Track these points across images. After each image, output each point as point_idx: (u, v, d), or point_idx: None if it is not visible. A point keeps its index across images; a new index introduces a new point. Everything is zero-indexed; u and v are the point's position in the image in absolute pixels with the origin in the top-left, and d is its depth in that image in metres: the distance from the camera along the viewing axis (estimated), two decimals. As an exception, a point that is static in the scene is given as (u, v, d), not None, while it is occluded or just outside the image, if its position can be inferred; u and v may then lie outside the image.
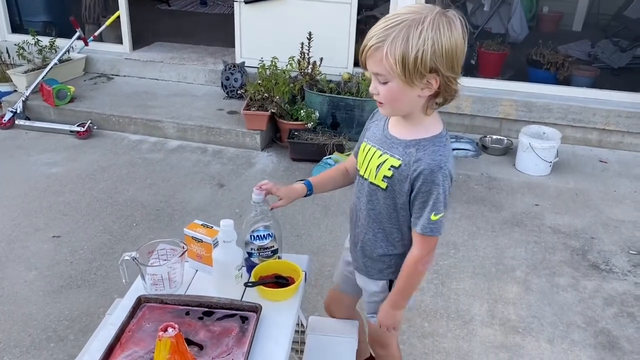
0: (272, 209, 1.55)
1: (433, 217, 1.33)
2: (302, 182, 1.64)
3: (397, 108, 1.33)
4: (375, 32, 1.23)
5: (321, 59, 4.17)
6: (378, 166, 1.39)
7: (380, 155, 1.40)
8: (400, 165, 1.35)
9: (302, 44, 4.15)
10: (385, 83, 1.26)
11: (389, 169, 1.36)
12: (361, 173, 1.47)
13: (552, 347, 2.31)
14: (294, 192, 1.61)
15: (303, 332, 1.85)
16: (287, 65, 4.14)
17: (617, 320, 2.48)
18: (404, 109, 1.33)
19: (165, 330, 1.18)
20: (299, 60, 4.19)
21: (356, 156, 1.54)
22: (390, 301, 1.53)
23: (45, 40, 4.77)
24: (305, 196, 1.64)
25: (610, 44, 5.00)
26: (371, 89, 1.32)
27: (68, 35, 4.72)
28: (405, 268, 1.45)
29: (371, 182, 1.43)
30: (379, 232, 1.48)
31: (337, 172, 1.69)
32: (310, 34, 4.12)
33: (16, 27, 5.41)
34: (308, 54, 4.17)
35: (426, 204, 1.33)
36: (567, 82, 4.49)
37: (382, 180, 1.39)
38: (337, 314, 1.88)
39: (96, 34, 4.75)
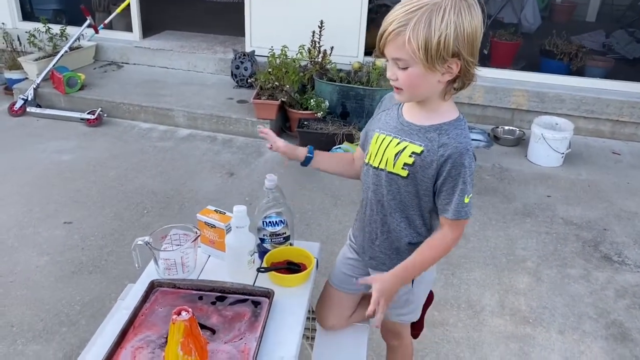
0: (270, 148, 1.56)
1: (466, 200, 1.32)
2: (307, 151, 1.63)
3: (416, 94, 1.31)
4: (395, 16, 1.21)
5: (332, 48, 4.15)
6: (396, 154, 1.36)
7: (398, 143, 1.37)
8: (422, 152, 1.32)
9: (313, 32, 4.13)
10: (405, 68, 1.25)
11: (410, 156, 1.34)
12: (375, 164, 1.43)
13: (563, 338, 2.30)
14: (294, 149, 1.63)
15: (314, 319, 1.85)
16: (297, 54, 4.11)
17: (629, 312, 2.46)
18: (423, 95, 1.31)
19: (179, 313, 1.18)
20: (309, 49, 4.16)
21: (363, 148, 1.52)
22: (399, 274, 1.40)
23: (55, 28, 4.78)
24: (303, 163, 1.62)
25: (626, 35, 4.94)
26: (389, 74, 1.29)
27: (78, 23, 4.73)
28: (433, 246, 1.39)
29: (389, 172, 1.39)
30: (402, 220, 1.44)
31: (343, 157, 1.68)
32: (321, 22, 4.09)
33: (27, 14, 5.42)
34: (319, 43, 4.15)
35: (456, 187, 1.32)
36: (580, 72, 4.45)
37: (402, 168, 1.36)
38: (331, 317, 1.73)
39: (106, 21, 4.75)
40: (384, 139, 1.41)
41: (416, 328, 1.85)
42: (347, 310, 1.73)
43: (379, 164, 1.42)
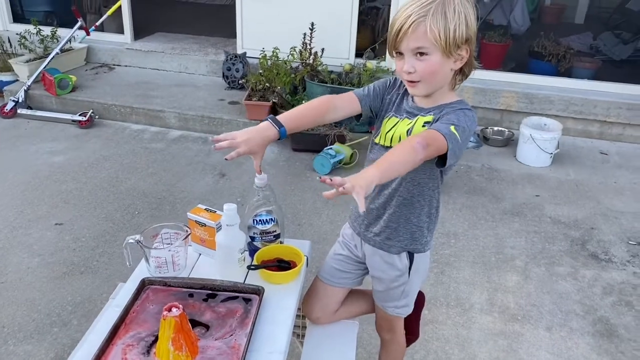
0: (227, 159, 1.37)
1: (453, 129, 1.31)
2: (272, 123, 1.40)
3: (433, 83, 1.37)
4: (412, 10, 1.30)
5: (322, 50, 4.17)
6: (409, 130, 1.42)
7: (410, 122, 1.44)
8: (432, 120, 1.39)
9: (305, 34, 4.15)
10: (423, 57, 1.32)
11: (423, 126, 1.40)
12: (387, 144, 1.46)
13: (550, 335, 2.33)
14: (257, 135, 1.38)
15: (305, 317, 1.87)
16: (288, 56, 4.14)
17: (615, 309, 2.50)
18: (438, 84, 1.38)
19: (170, 310, 1.20)
20: (300, 50, 4.19)
21: (361, 98, 1.50)
22: (375, 168, 1.22)
23: (46, 30, 4.77)
24: (279, 138, 1.42)
25: (613, 36, 5.00)
26: (407, 67, 1.34)
27: (69, 25, 4.73)
28: (400, 145, 1.30)
29: None
30: (414, 191, 1.48)
31: (318, 109, 1.49)
32: (312, 24, 4.12)
33: (18, 16, 5.41)
34: (310, 45, 4.17)
35: (445, 121, 1.34)
36: (568, 74, 4.50)
37: None
38: (316, 309, 1.75)
39: (97, 23, 4.75)
40: (395, 120, 1.48)
41: (412, 333, 1.88)
42: (333, 303, 1.76)
43: (391, 142, 1.46)
